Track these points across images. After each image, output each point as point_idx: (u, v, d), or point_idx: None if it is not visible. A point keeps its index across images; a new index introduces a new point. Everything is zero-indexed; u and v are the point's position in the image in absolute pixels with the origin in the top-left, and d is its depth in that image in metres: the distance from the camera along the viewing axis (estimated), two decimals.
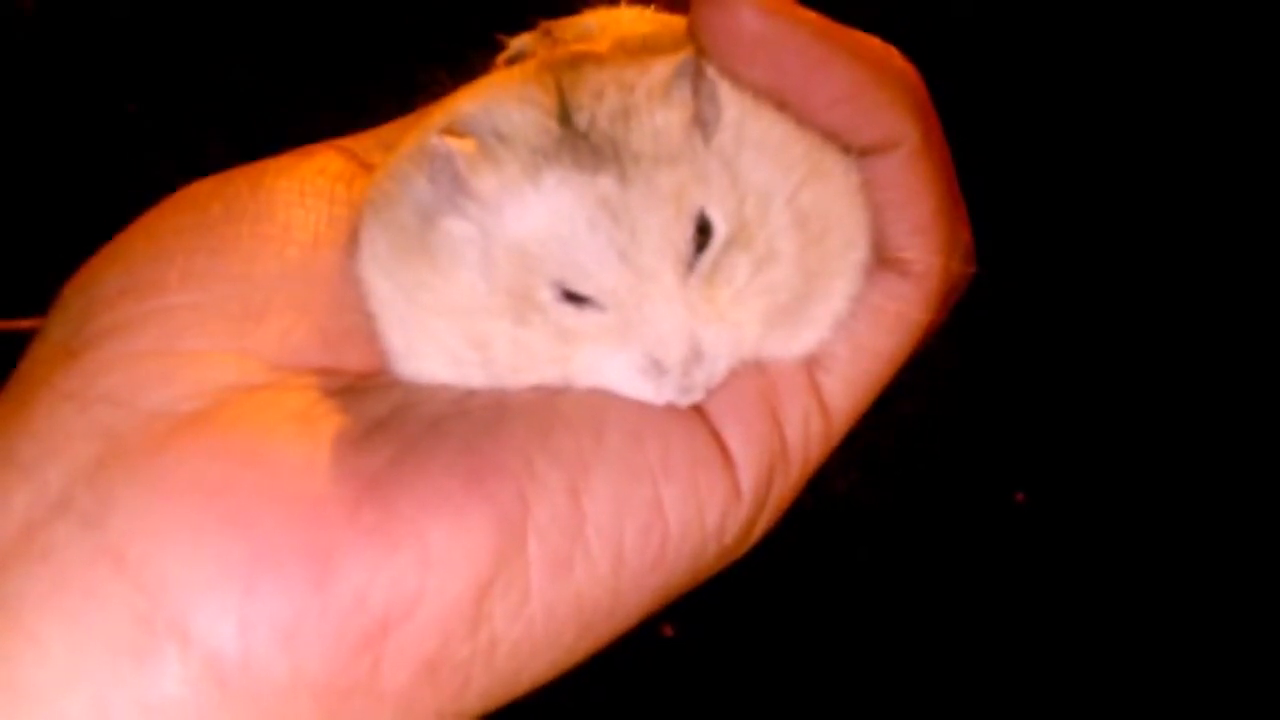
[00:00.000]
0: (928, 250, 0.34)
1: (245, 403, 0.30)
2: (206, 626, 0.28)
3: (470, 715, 0.31)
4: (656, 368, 0.32)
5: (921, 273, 0.34)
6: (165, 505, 0.28)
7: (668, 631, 0.96)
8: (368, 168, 0.35)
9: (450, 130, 0.32)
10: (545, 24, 0.36)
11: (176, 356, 0.31)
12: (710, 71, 0.33)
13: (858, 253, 0.34)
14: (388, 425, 0.30)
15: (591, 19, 0.36)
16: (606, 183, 0.31)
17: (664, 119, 0.32)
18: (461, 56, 0.36)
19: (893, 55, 0.33)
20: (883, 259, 0.34)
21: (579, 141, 0.31)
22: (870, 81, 0.32)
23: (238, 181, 0.34)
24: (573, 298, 0.31)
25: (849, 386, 0.34)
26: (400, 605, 0.29)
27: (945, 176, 0.34)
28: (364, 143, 0.36)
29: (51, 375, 0.30)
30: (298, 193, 0.33)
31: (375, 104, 0.37)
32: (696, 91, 0.32)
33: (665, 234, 0.31)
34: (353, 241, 0.33)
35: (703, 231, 0.32)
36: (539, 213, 0.31)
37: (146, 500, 0.28)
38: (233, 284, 0.32)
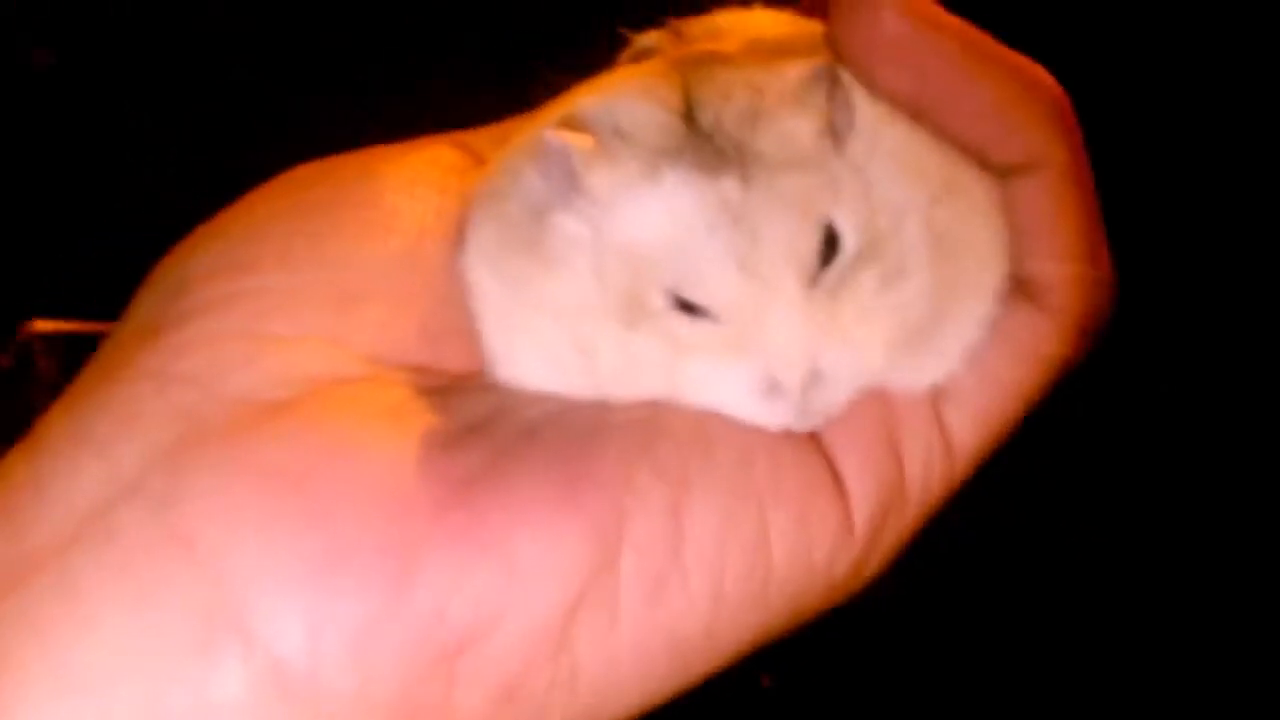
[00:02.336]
0: (1067, 281, 0.32)
1: (334, 393, 0.29)
2: (274, 627, 0.26)
3: None
4: (773, 388, 0.30)
5: (1059, 305, 0.32)
6: (241, 493, 0.27)
7: (765, 682, 0.94)
8: (482, 162, 0.33)
9: (567, 124, 0.31)
10: (674, 22, 0.35)
11: (264, 340, 0.29)
12: (846, 79, 0.31)
13: (992, 277, 0.32)
14: (482, 429, 0.29)
15: (723, 19, 0.34)
16: (729, 185, 0.29)
17: (794, 124, 0.30)
18: (586, 53, 0.34)
19: (1040, 72, 0.32)
20: (1019, 289, 0.32)
21: (703, 142, 0.30)
22: (1017, 97, 0.31)
23: (345, 167, 0.32)
24: (687, 306, 0.30)
25: (976, 422, 0.32)
26: (482, 619, 0.27)
27: (1089, 205, 0.32)
28: (480, 137, 0.34)
29: (133, 354, 0.29)
30: (407, 181, 0.32)
31: (498, 100, 0.35)
32: (830, 98, 0.30)
33: (789, 242, 0.29)
34: (460, 236, 0.32)
35: (830, 245, 0.30)
36: (655, 213, 0.30)
37: (222, 487, 0.27)
38: (331, 270, 0.30)
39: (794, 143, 0.30)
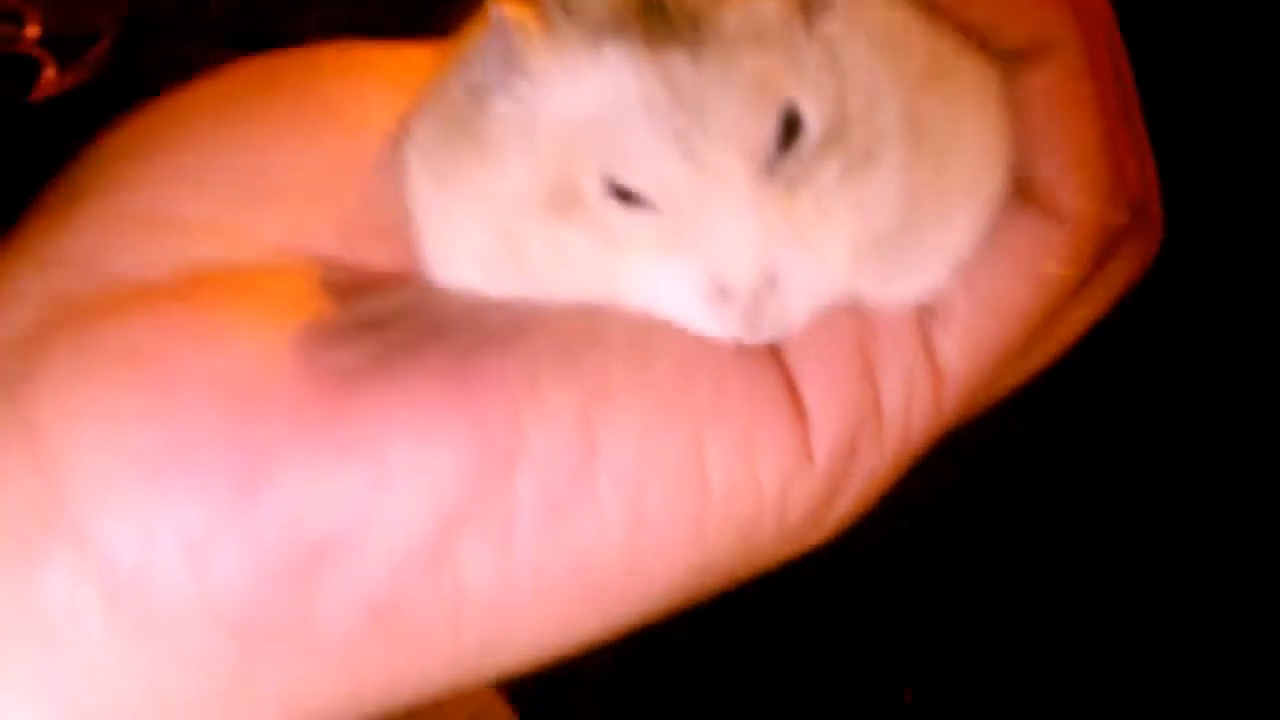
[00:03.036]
0: (1080, 189, 0.28)
1: (219, 279, 0.26)
2: (105, 528, 0.24)
3: (439, 687, 0.26)
4: (720, 293, 0.27)
5: (1071, 215, 0.28)
6: (91, 379, 0.25)
7: (908, 698, 0.90)
8: None
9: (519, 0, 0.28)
10: None
11: (161, 223, 0.27)
12: None
13: (988, 180, 0.28)
14: (381, 325, 0.26)
15: None
16: (677, 60, 0.26)
17: None
18: None
19: None
20: (1024, 194, 0.28)
21: (657, 16, 0.27)
22: None
23: (294, 57, 0.30)
24: (625, 195, 0.27)
25: (968, 346, 0.28)
26: (343, 529, 0.24)
27: (1113, 104, 0.28)
28: None
29: (27, 234, 0.28)
30: (356, 74, 0.30)
31: None
32: None
33: (740, 125, 0.26)
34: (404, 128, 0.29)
35: (791, 131, 0.27)
36: (593, 89, 0.27)
37: (74, 371, 0.25)
38: (251, 156, 0.28)
39: (757, 17, 0.27)
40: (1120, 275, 0.31)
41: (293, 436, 0.24)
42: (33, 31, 1.28)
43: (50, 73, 1.26)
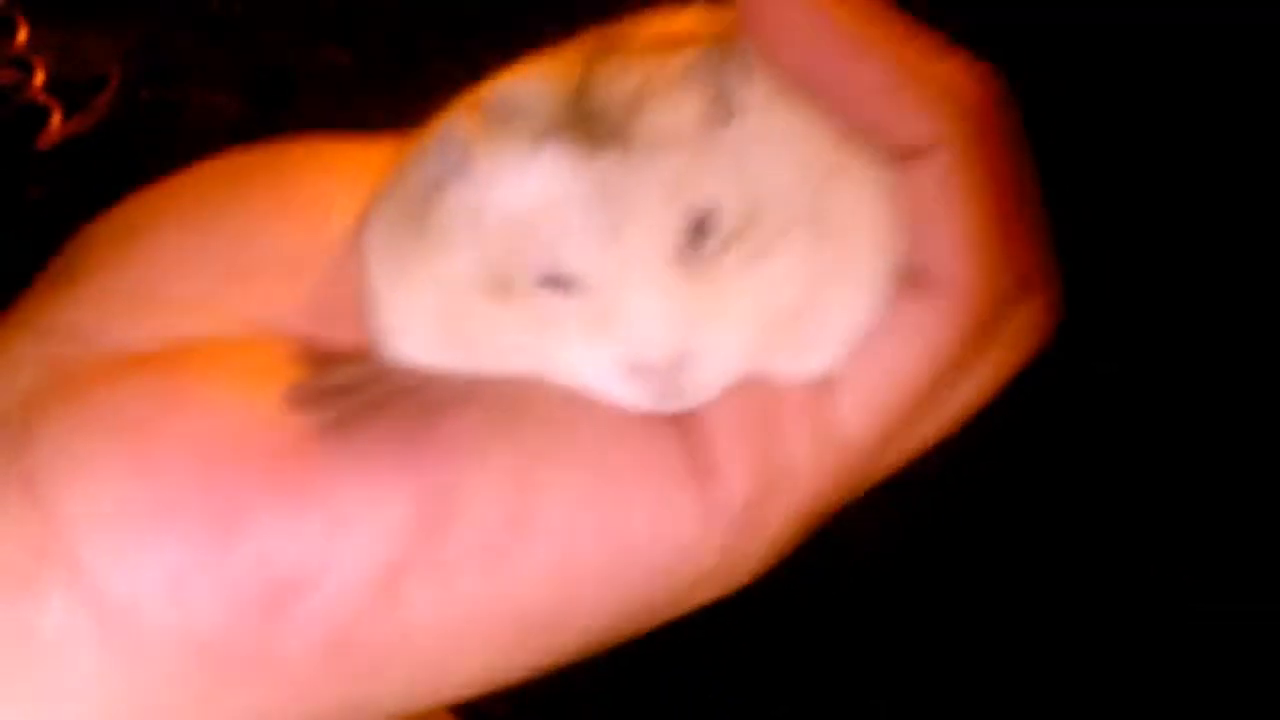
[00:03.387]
0: (967, 268, 0.31)
1: (200, 350, 0.30)
2: (97, 564, 0.28)
3: (388, 711, 0.30)
4: (637, 369, 0.30)
5: (958, 294, 0.31)
6: (86, 439, 0.28)
7: None
8: None
9: (473, 105, 0.32)
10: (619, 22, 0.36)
11: (149, 300, 0.31)
12: (739, 62, 0.31)
13: (877, 263, 0.31)
14: (343, 393, 0.30)
15: (657, 19, 0.35)
16: (605, 161, 0.30)
17: (677, 105, 0.31)
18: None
19: (945, 54, 0.31)
20: (915, 278, 0.31)
21: (589, 121, 0.31)
22: (910, 77, 0.30)
23: (266, 151, 0.34)
24: (557, 283, 0.30)
25: (866, 412, 0.31)
26: (306, 570, 0.28)
27: (1000, 192, 0.31)
28: None
29: (27, 305, 0.31)
30: (322, 167, 0.34)
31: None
32: (718, 81, 0.31)
33: (655, 217, 0.30)
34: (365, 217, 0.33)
35: (706, 224, 0.30)
36: (532, 186, 0.30)
37: (70, 429, 0.28)
38: (228, 241, 0.32)
39: (677, 123, 0.31)
40: (1018, 348, 0.35)
41: (261, 489, 0.28)
42: (40, 78, 1.31)
43: (57, 119, 1.29)
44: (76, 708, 0.28)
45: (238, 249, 0.32)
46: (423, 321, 0.32)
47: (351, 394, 0.30)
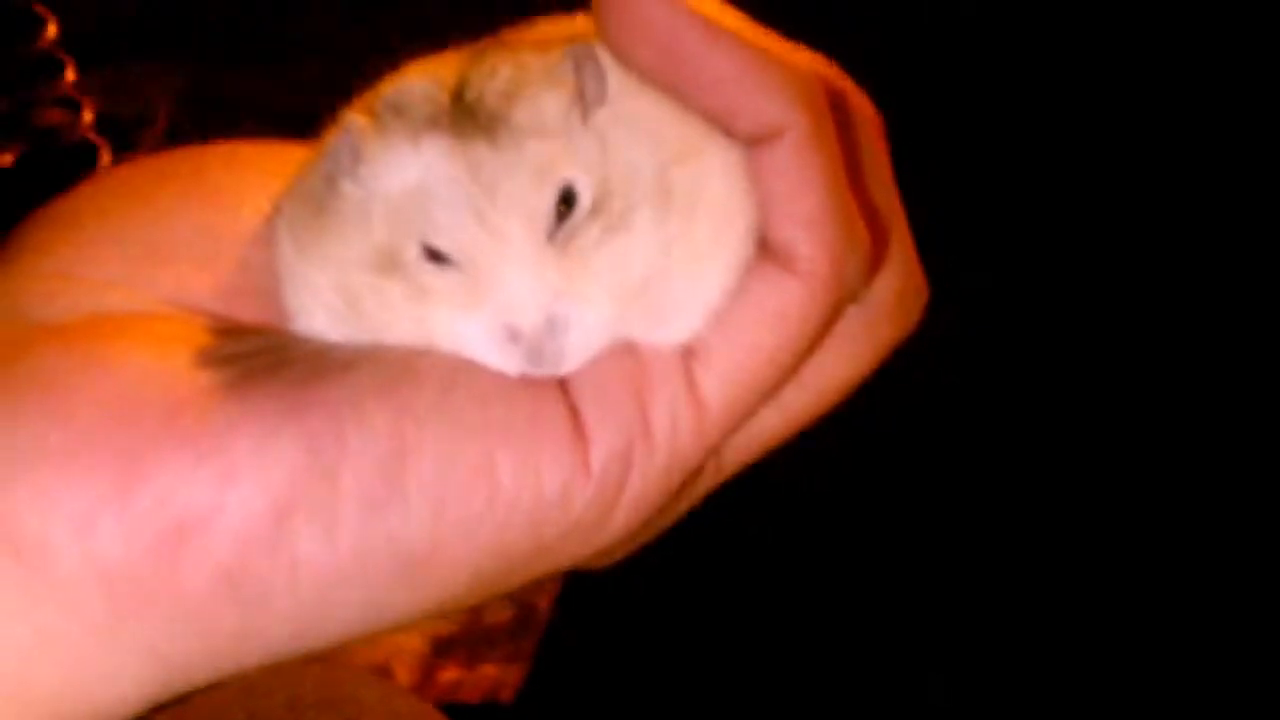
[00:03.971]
0: (815, 246, 0.34)
1: (116, 322, 0.34)
2: (13, 502, 0.31)
3: (278, 646, 0.33)
4: (510, 335, 0.34)
5: (808, 270, 0.34)
6: (5, 392, 0.32)
7: None
8: None
9: (367, 104, 0.36)
10: (504, 31, 0.39)
11: (72, 280, 0.35)
12: (602, 58, 0.35)
13: (732, 238, 0.35)
14: (245, 357, 0.34)
15: (546, 25, 0.39)
16: (477, 148, 0.34)
17: (544, 97, 0.34)
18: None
19: (787, 48, 0.35)
20: (767, 254, 0.35)
21: (464, 114, 0.34)
22: (754, 68, 0.34)
23: (190, 151, 0.39)
24: (436, 257, 0.34)
25: (725, 381, 0.35)
26: (200, 513, 0.31)
27: (840, 177, 0.35)
28: None
29: None
30: (237, 164, 0.38)
31: None
32: (581, 75, 0.35)
33: (523, 197, 0.34)
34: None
35: (568, 203, 0.34)
36: (412, 172, 0.34)
37: None
38: (147, 229, 0.36)
39: (542, 114, 0.34)
40: (886, 334, 0.38)
41: (162, 439, 0.32)
42: (88, 117, 1.37)
43: (106, 157, 1.34)
44: None
45: (155, 234, 0.36)
46: (322, 298, 0.35)
47: (250, 360, 0.34)
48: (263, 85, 1.41)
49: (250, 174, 0.38)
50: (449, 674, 1.14)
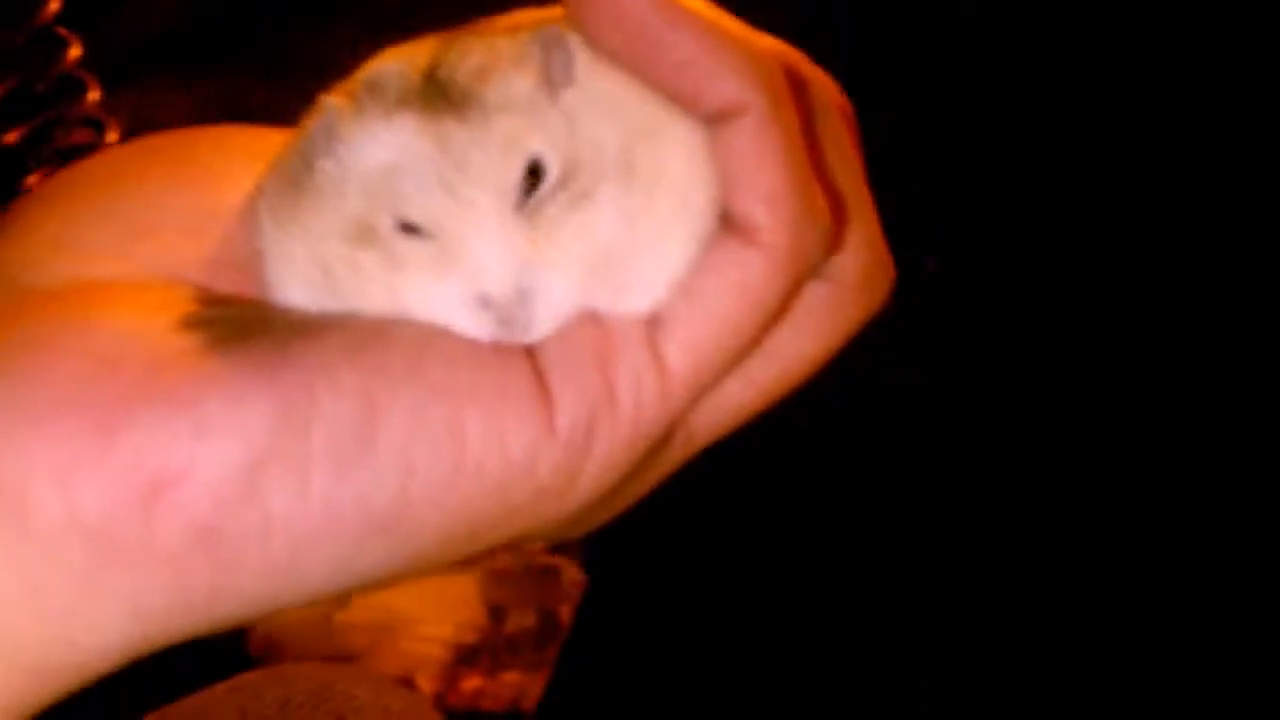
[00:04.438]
0: (776, 220, 0.36)
1: (103, 287, 0.36)
2: None
3: (251, 600, 0.35)
4: (481, 303, 0.36)
5: (768, 242, 0.36)
6: None
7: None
8: None
9: (345, 86, 0.38)
10: (481, 20, 0.41)
11: (60, 251, 0.37)
12: (571, 40, 0.37)
13: (695, 210, 0.37)
14: (223, 322, 0.36)
15: (522, 15, 0.41)
16: (448, 124, 0.36)
17: (513, 77, 0.36)
18: None
19: (747, 31, 0.37)
20: (729, 227, 0.37)
21: (436, 93, 0.36)
22: (715, 49, 0.36)
23: (179, 132, 0.41)
24: (409, 229, 0.36)
25: (687, 350, 0.36)
26: (174, 467, 0.33)
27: (800, 153, 0.37)
28: None
29: None
30: (222, 144, 0.40)
31: None
32: (549, 55, 0.37)
33: (492, 170, 0.36)
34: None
35: (536, 176, 0.36)
36: (386, 148, 0.36)
37: None
38: (135, 204, 0.38)
39: (511, 92, 0.36)
40: (852, 310, 0.40)
41: (139, 396, 0.34)
42: (113, 137, 1.39)
43: None
44: None
45: (144, 209, 0.38)
46: (300, 270, 0.37)
47: (227, 324, 0.36)
48: (285, 107, 1.43)
49: (237, 155, 0.40)
50: (471, 682, 1.16)
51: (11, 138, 1.38)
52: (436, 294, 0.36)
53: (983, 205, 1.22)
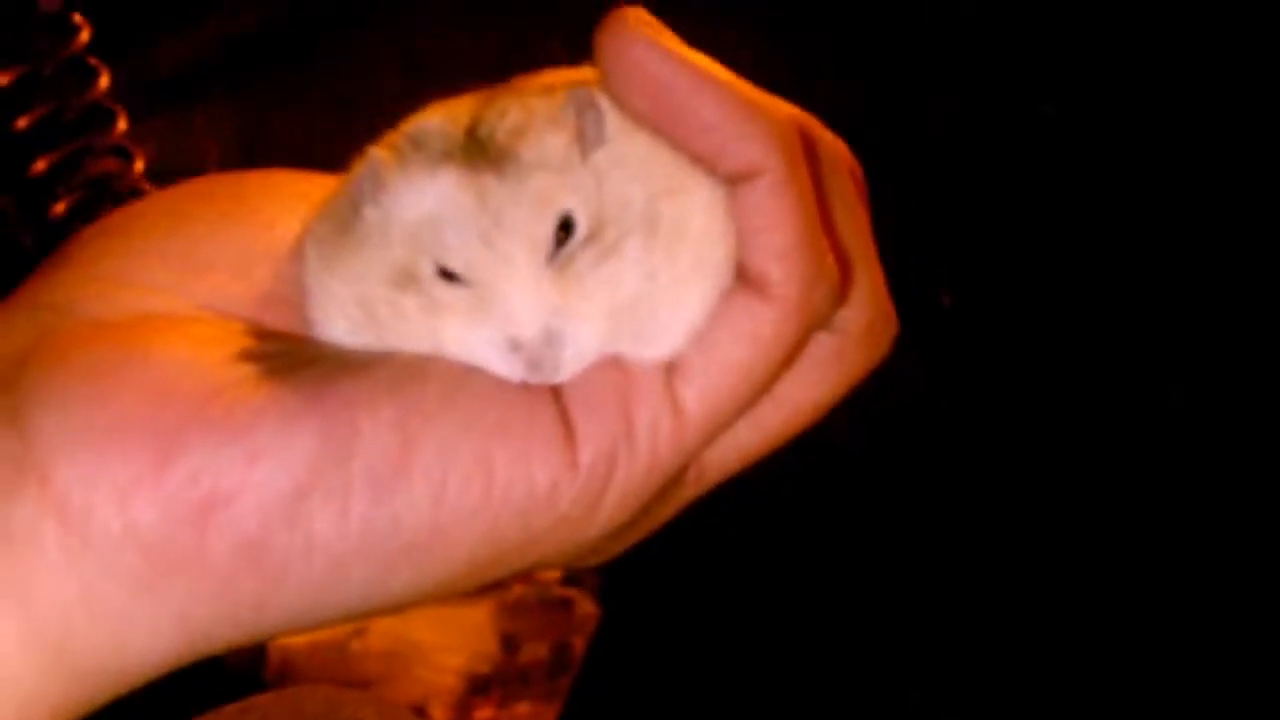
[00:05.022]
0: (787, 275, 0.39)
1: (159, 321, 0.39)
2: (61, 476, 0.36)
3: (292, 614, 0.38)
4: (512, 346, 0.39)
5: (780, 296, 0.39)
6: (58, 379, 0.37)
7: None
8: None
9: (391, 140, 0.41)
10: (515, 79, 0.45)
11: (121, 285, 0.40)
12: (602, 102, 0.40)
13: (713, 266, 0.40)
14: (272, 356, 0.39)
15: (552, 74, 0.44)
16: (487, 180, 0.39)
17: (548, 136, 0.40)
18: None
19: (766, 98, 0.40)
20: (746, 282, 0.40)
21: (476, 150, 0.40)
22: (736, 115, 0.39)
23: (231, 175, 0.44)
24: (448, 275, 0.39)
25: (703, 395, 0.40)
26: (226, 489, 0.36)
27: (812, 214, 0.40)
28: None
29: (26, 289, 0.41)
30: (271, 189, 0.43)
31: None
32: (581, 116, 0.40)
33: (526, 225, 0.39)
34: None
35: (567, 230, 0.39)
36: (429, 200, 0.39)
37: (48, 373, 0.37)
38: (188, 243, 0.41)
39: (546, 151, 0.40)
40: (856, 361, 0.43)
41: (195, 423, 0.37)
42: (140, 166, 1.42)
43: None
44: (40, 589, 0.36)
45: (198, 248, 0.42)
46: (343, 309, 0.40)
47: (275, 358, 0.39)
48: (310, 137, 1.47)
49: (283, 198, 0.43)
50: (484, 713, 1.18)
51: (41, 165, 1.41)
52: (472, 337, 0.39)
53: (997, 241, 1.24)
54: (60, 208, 1.39)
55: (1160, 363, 1.16)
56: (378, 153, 0.40)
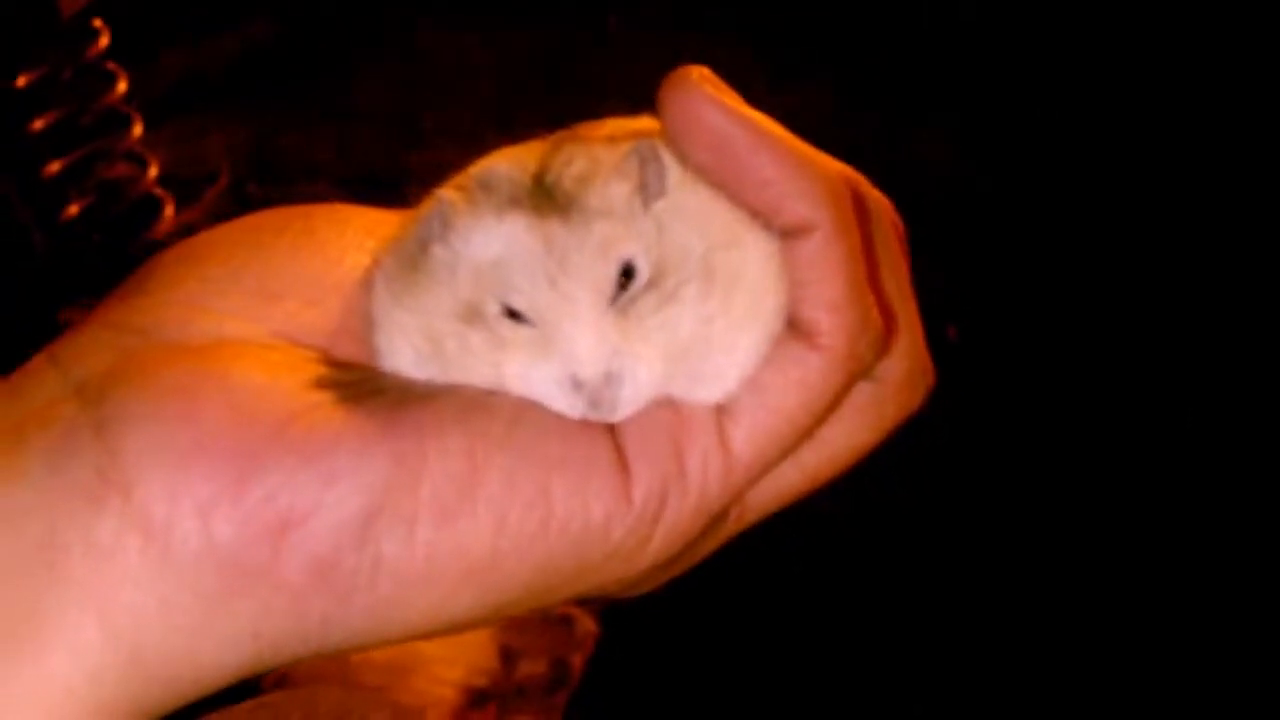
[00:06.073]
0: (835, 326, 0.42)
1: (237, 347, 0.41)
2: (144, 491, 0.38)
3: (356, 633, 0.40)
4: (574, 384, 0.41)
5: (828, 345, 0.42)
6: (143, 397, 0.39)
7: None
8: None
9: (460, 182, 0.44)
10: (576, 126, 0.47)
11: (198, 311, 0.42)
12: (664, 154, 0.42)
13: (765, 314, 0.42)
14: (343, 384, 0.41)
15: (612, 123, 0.46)
16: (553, 226, 0.41)
17: (612, 185, 0.42)
18: None
19: (820, 156, 0.42)
20: (794, 331, 0.42)
21: (543, 196, 0.42)
22: (793, 172, 0.41)
23: (303, 208, 0.46)
24: (513, 315, 0.41)
25: (752, 436, 0.42)
26: (301, 509, 0.38)
27: (855, 265, 0.42)
28: None
29: (106, 310, 0.43)
30: (340, 222, 0.45)
31: None
32: (645, 168, 0.42)
33: (590, 269, 0.41)
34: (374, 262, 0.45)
35: (629, 275, 0.41)
36: (497, 243, 0.42)
37: (133, 393, 0.39)
38: (262, 272, 0.43)
39: (610, 199, 0.42)
40: (894, 409, 0.45)
41: (273, 445, 0.39)
42: (154, 172, 1.45)
43: (170, 211, 1.42)
44: (121, 598, 0.38)
45: (271, 277, 0.44)
46: (411, 341, 0.43)
47: (347, 386, 0.41)
48: (322, 144, 1.48)
49: (351, 231, 0.46)
50: None
51: (54, 168, 1.43)
52: (535, 373, 0.41)
53: (1002, 275, 1.25)
54: (73, 210, 1.41)
55: (1169, 395, 1.18)
56: (447, 194, 0.43)
